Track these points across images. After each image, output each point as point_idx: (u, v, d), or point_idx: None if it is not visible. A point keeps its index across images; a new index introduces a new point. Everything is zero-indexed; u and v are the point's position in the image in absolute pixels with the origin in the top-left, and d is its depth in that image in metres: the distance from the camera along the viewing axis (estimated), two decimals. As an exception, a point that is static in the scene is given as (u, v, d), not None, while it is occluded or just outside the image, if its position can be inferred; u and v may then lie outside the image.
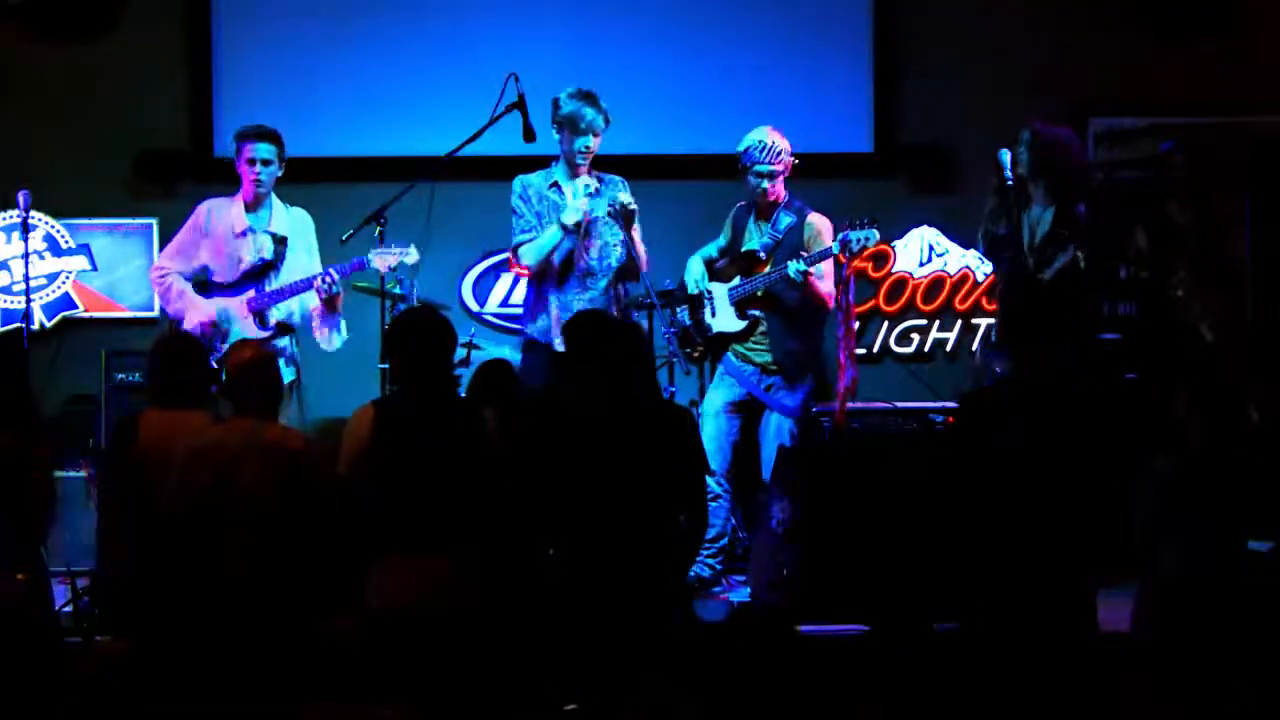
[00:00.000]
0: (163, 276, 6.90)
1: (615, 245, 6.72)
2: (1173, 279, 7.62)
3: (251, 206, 6.88)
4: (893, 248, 8.41)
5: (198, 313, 6.80)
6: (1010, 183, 6.59)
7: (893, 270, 8.44)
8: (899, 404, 7.22)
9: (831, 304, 6.86)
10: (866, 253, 6.99)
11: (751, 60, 8.42)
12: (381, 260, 6.68)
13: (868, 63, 8.46)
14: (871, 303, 8.44)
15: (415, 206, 6.82)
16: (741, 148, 6.85)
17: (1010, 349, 5.33)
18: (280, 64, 8.39)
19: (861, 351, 8.40)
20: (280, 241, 6.85)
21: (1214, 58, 8.38)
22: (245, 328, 6.77)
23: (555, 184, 6.77)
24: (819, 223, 6.83)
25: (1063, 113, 8.29)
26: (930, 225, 8.39)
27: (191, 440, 5.19)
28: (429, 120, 8.09)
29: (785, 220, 6.83)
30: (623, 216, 6.58)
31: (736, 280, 6.91)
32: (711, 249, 7.08)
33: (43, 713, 4.90)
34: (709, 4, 8.48)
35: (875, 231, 6.59)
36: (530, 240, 6.72)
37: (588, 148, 6.66)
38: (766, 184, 6.81)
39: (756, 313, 6.86)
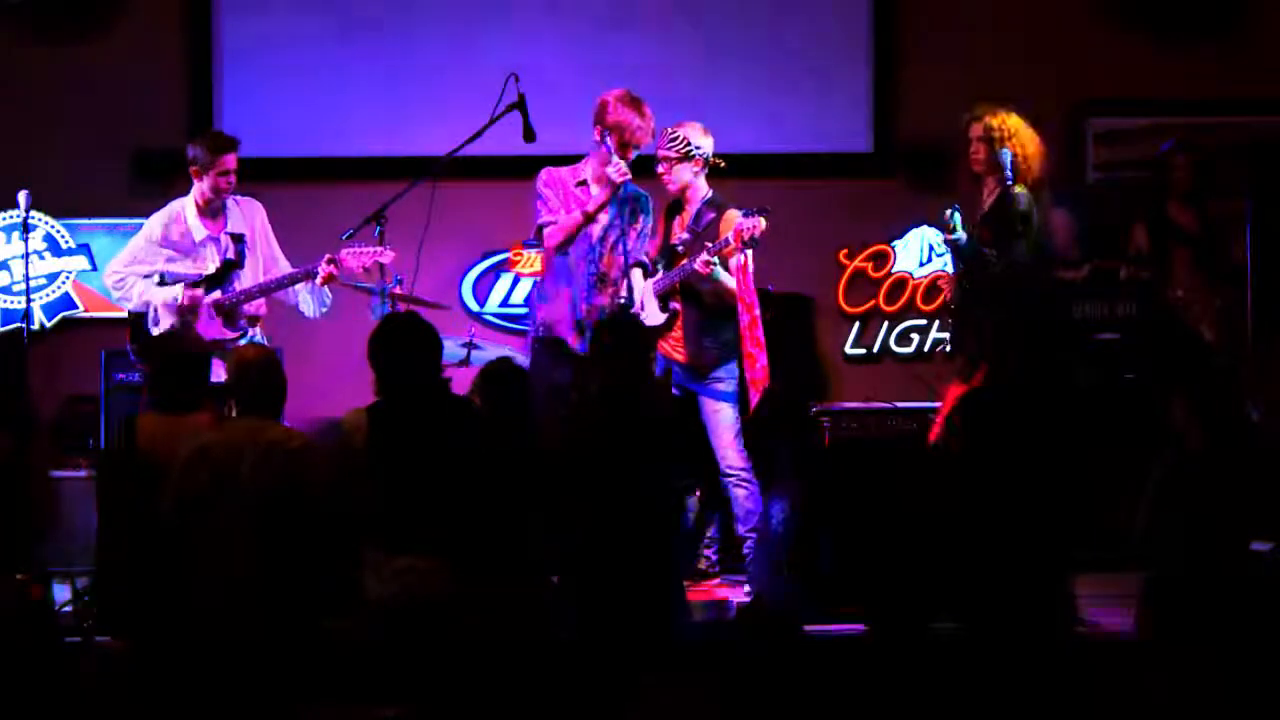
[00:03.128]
0: (120, 281, 6.88)
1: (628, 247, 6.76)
2: (1173, 279, 7.62)
3: (206, 210, 6.87)
4: (893, 248, 8.41)
5: (167, 294, 6.76)
6: (1010, 182, 6.61)
7: (893, 270, 8.44)
8: (899, 404, 7.22)
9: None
10: (758, 239, 6.86)
11: (750, 60, 8.41)
12: (355, 259, 6.66)
13: (867, 63, 8.46)
14: (871, 303, 8.44)
15: (415, 206, 6.82)
16: None
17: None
18: (280, 63, 8.38)
19: (861, 352, 8.41)
20: (239, 240, 6.85)
21: (1214, 58, 8.39)
22: (208, 328, 6.74)
23: (584, 183, 6.76)
24: (731, 216, 6.84)
25: (1063, 113, 8.33)
26: (930, 225, 8.38)
27: (192, 440, 5.19)
28: (429, 120, 8.08)
29: (705, 215, 6.87)
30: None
31: (659, 273, 6.95)
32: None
33: (43, 713, 4.90)
34: (708, 4, 8.48)
35: (762, 219, 6.51)
36: (556, 222, 6.71)
37: (627, 157, 6.66)
38: (659, 168, 6.85)
39: (677, 306, 6.87)
